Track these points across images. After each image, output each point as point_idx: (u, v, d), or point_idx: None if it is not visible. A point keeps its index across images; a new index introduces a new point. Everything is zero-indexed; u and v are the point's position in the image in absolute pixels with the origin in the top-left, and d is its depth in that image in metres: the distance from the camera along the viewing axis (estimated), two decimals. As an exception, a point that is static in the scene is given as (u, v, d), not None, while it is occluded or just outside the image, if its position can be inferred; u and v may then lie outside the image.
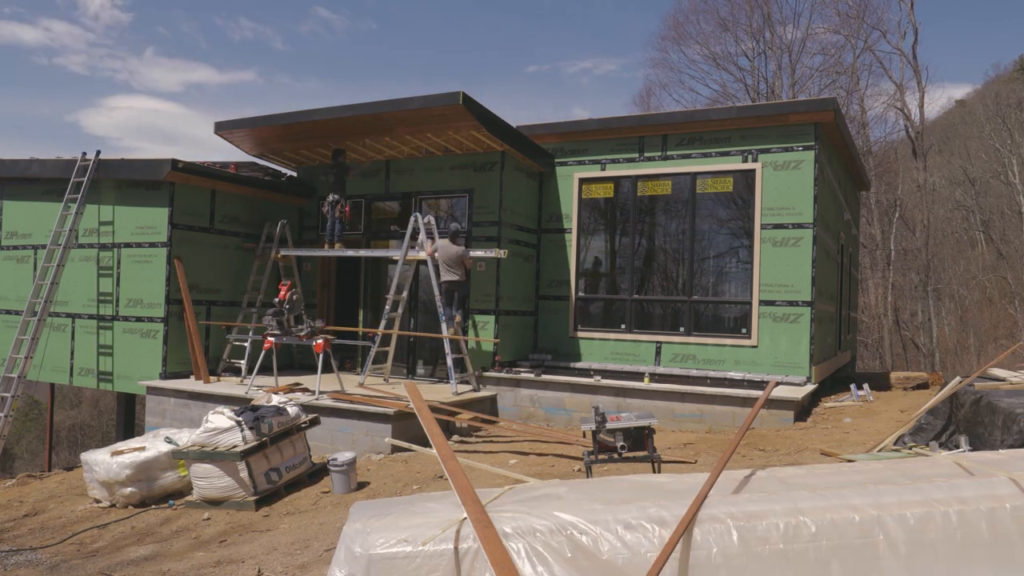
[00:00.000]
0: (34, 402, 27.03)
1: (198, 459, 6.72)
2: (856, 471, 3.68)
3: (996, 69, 44.40)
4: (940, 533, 2.98)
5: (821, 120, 9.78)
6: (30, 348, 9.98)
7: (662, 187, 10.75)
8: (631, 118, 11.10)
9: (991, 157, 34.78)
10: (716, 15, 30.45)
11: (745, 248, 10.23)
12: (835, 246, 12.12)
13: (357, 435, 8.36)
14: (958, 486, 3.17)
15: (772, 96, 28.78)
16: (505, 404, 9.95)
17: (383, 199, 11.81)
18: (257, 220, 11.67)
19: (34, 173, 11.56)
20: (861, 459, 5.68)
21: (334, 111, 10.16)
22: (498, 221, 10.49)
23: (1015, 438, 5.18)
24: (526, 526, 2.99)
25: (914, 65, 26.99)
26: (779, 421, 8.42)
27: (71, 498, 7.70)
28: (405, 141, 10.70)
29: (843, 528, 2.97)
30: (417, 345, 11.29)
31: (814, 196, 9.69)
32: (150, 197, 10.46)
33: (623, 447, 5.25)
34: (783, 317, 9.77)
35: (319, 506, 6.45)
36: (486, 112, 9.66)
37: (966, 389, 6.69)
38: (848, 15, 28.26)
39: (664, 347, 10.46)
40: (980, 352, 31.22)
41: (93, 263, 10.92)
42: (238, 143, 11.45)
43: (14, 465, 23.93)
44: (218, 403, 9.06)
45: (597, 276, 11.38)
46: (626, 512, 3.05)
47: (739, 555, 2.93)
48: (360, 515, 3.28)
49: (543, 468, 6.95)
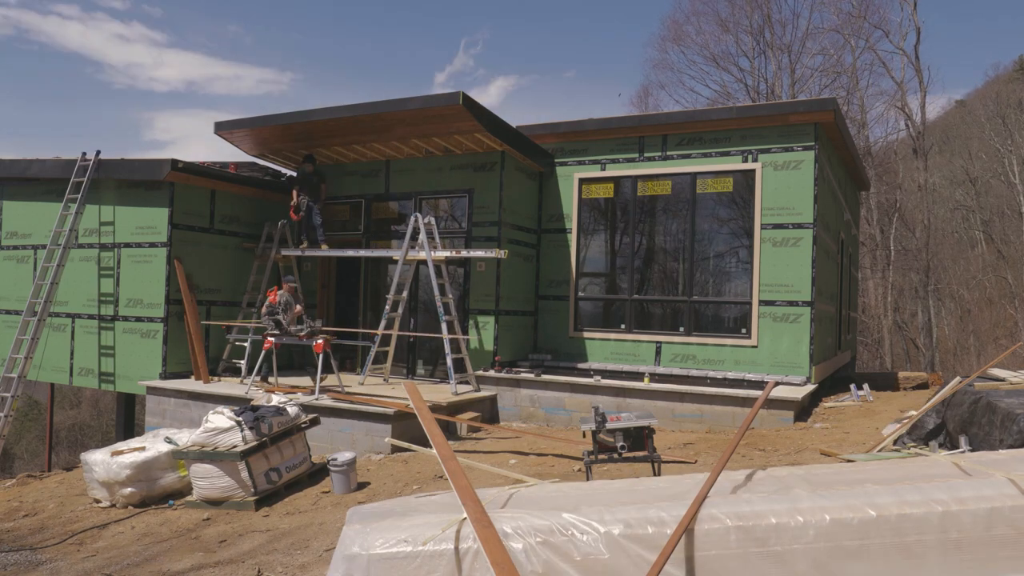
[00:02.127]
0: (34, 402, 27.03)
1: (198, 459, 6.73)
2: (855, 471, 3.68)
3: (996, 69, 44.46)
4: (937, 534, 2.98)
5: (821, 120, 9.78)
6: (30, 348, 9.99)
7: (662, 187, 10.75)
8: (631, 118, 11.10)
9: (991, 157, 34.78)
10: (716, 15, 30.49)
11: (745, 248, 10.23)
12: (835, 246, 12.12)
13: (357, 435, 8.36)
14: (956, 486, 3.17)
15: (772, 96, 28.78)
16: (505, 404, 9.95)
17: (383, 199, 11.81)
18: (257, 220, 11.67)
19: (34, 173, 11.56)
20: (861, 459, 5.68)
21: (334, 111, 10.16)
22: (498, 221, 10.49)
23: (1015, 438, 5.18)
24: (526, 526, 3.00)
25: (916, 65, 26.98)
26: (779, 421, 8.42)
27: (71, 498, 7.70)
28: (405, 141, 10.70)
29: (843, 528, 2.97)
30: (417, 345, 11.29)
31: (814, 196, 9.69)
32: (150, 197, 10.46)
33: (623, 447, 5.26)
34: (783, 317, 9.77)
35: (319, 506, 6.45)
36: (486, 112, 9.66)
37: (966, 389, 6.68)
38: (850, 14, 28.26)
39: (664, 347, 10.46)
40: (980, 352, 31.22)
41: (93, 263, 10.92)
42: (238, 143, 11.44)
43: (14, 465, 23.93)
44: (218, 403, 9.06)
45: (597, 276, 11.37)
46: (626, 512, 3.06)
47: (739, 555, 2.93)
48: (360, 515, 3.28)
49: (543, 468, 6.95)
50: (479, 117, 9.48)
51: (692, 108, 24.25)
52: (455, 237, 10.91)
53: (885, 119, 40.24)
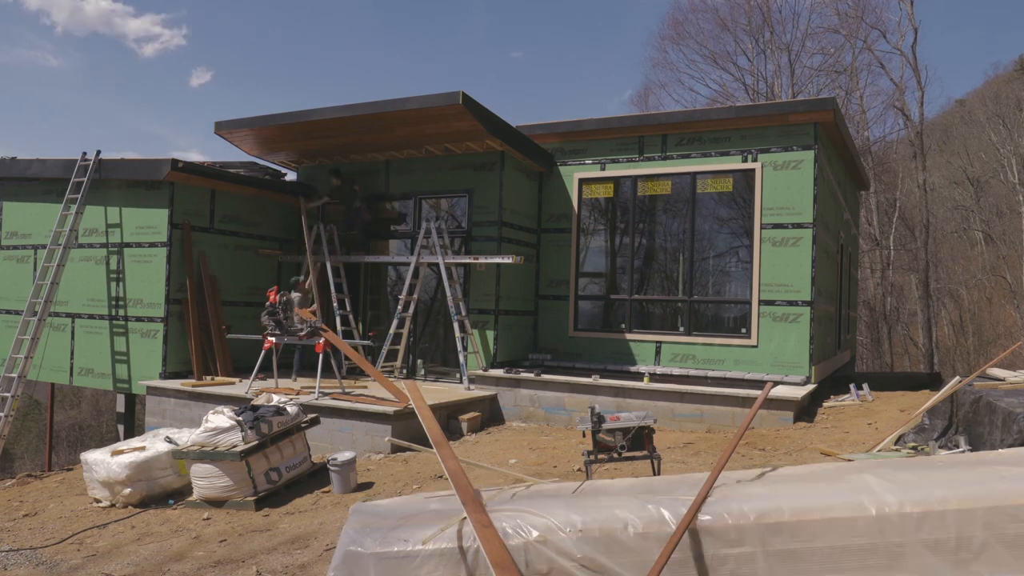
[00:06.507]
0: (34, 402, 27.02)
1: (198, 459, 6.73)
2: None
3: (996, 69, 44.46)
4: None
5: (821, 120, 9.78)
6: (30, 348, 9.99)
7: (662, 187, 10.76)
8: (631, 118, 11.10)
9: (991, 157, 34.80)
10: (715, 15, 30.50)
11: (745, 248, 10.23)
12: (835, 246, 12.12)
13: (357, 435, 8.36)
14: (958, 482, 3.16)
15: (771, 96, 28.79)
16: (505, 404, 9.95)
17: (383, 199, 11.81)
18: (257, 220, 11.67)
19: (34, 173, 11.56)
20: (860, 459, 5.68)
21: (334, 111, 10.15)
22: (498, 221, 10.49)
23: (1014, 438, 5.18)
24: (526, 525, 3.00)
25: (914, 65, 26.99)
26: (779, 421, 8.42)
27: (71, 498, 7.70)
28: (405, 140, 10.70)
29: (844, 528, 2.97)
30: (417, 345, 11.29)
31: (814, 196, 9.69)
32: (150, 197, 10.46)
33: (623, 447, 5.26)
34: (783, 317, 9.78)
35: (319, 506, 6.45)
36: (486, 112, 9.66)
37: (965, 389, 6.69)
38: (847, 15, 28.27)
39: (664, 347, 10.47)
40: (980, 352, 31.24)
41: (93, 263, 10.92)
42: (238, 143, 11.44)
43: (14, 465, 23.90)
44: (218, 403, 9.06)
45: (597, 276, 11.37)
46: (626, 511, 3.06)
47: (739, 555, 2.93)
48: (360, 515, 3.29)
49: (543, 468, 6.95)
50: (479, 117, 9.48)
51: (691, 108, 24.27)
52: (455, 237, 10.91)
53: (884, 119, 40.33)
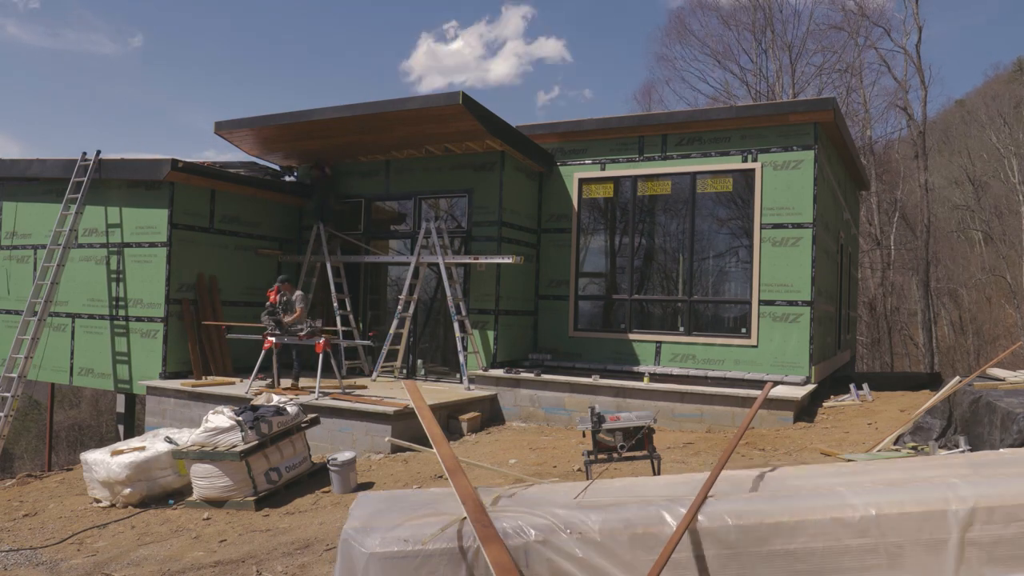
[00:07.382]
0: (34, 402, 27.01)
1: (198, 459, 6.73)
2: (854, 470, 3.68)
3: (996, 69, 44.43)
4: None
5: (821, 120, 9.78)
6: (30, 348, 9.99)
7: (662, 187, 10.75)
8: (631, 118, 11.10)
9: (991, 157, 34.79)
10: (718, 11, 30.50)
11: (745, 248, 10.23)
12: (835, 246, 12.12)
13: (357, 435, 8.36)
14: (956, 484, 3.16)
15: (773, 95, 28.77)
16: (505, 404, 9.95)
17: (383, 199, 11.81)
18: (257, 220, 11.67)
19: (34, 173, 11.56)
20: (860, 459, 5.68)
21: (335, 111, 10.15)
22: (498, 221, 10.49)
23: (1014, 437, 5.18)
24: (526, 526, 3.00)
25: (917, 63, 26.94)
26: (779, 421, 8.42)
27: (71, 498, 7.70)
28: (405, 140, 10.70)
29: (843, 527, 2.97)
30: (417, 345, 11.29)
31: (814, 196, 9.69)
32: (150, 197, 10.45)
33: (622, 447, 5.26)
34: (783, 317, 9.78)
35: (319, 506, 6.45)
36: (486, 112, 9.66)
37: (965, 389, 6.69)
38: (851, 12, 28.24)
39: (664, 347, 10.46)
40: (980, 352, 31.24)
41: (93, 263, 10.92)
42: (238, 143, 11.44)
43: (14, 465, 23.91)
44: (218, 403, 9.06)
45: (597, 276, 11.37)
46: (626, 511, 3.06)
47: (739, 555, 2.93)
48: (360, 514, 3.29)
49: (543, 468, 6.95)
50: (479, 117, 9.48)
51: (692, 108, 24.26)
52: (455, 237, 10.91)
53: (886, 118, 40.25)
